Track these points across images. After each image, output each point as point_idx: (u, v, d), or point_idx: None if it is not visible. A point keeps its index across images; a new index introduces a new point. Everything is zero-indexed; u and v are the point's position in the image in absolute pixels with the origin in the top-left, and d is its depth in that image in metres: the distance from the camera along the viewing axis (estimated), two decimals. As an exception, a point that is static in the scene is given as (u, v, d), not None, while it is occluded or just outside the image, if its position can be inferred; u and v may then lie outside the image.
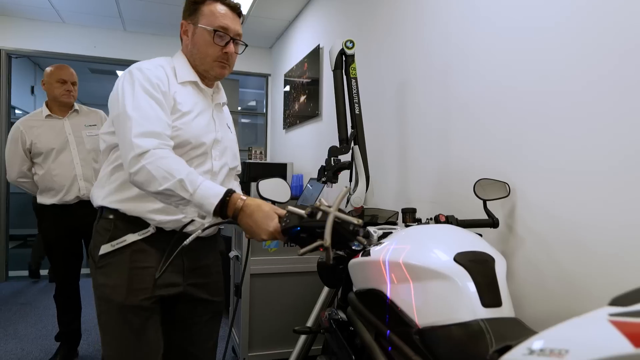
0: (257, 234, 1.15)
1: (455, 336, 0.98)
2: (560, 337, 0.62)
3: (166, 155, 1.18)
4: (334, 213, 1.04)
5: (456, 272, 1.05)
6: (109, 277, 1.28)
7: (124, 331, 1.27)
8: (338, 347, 1.39)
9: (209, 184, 1.17)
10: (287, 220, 1.10)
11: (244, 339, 2.56)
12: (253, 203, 1.16)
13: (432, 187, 2.17)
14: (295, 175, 3.79)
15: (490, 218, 1.61)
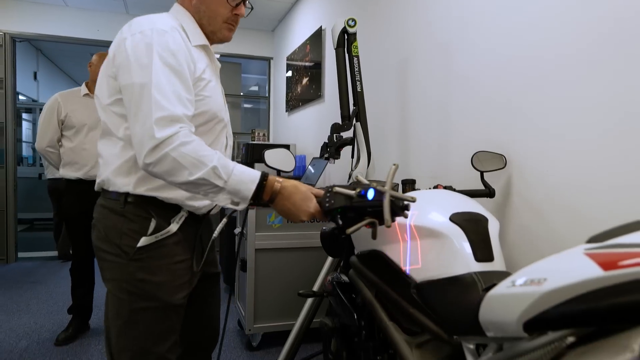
0: (296, 216, 1.09)
1: (450, 287, 1.05)
2: (540, 269, 0.69)
3: (190, 140, 1.03)
4: (389, 192, 1.02)
5: (451, 231, 1.12)
6: (152, 274, 1.13)
7: (162, 328, 1.16)
8: (341, 307, 1.47)
9: (241, 168, 1.06)
10: (332, 201, 1.05)
11: (250, 312, 2.65)
12: (290, 185, 1.09)
13: (432, 162, 2.24)
14: (298, 156, 3.85)
15: (487, 188, 1.68)
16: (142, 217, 1.15)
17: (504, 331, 0.76)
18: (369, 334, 1.37)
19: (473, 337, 0.96)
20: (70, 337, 2.81)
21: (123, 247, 1.13)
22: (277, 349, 2.64)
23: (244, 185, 1.04)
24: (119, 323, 1.13)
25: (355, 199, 1.03)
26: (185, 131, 1.03)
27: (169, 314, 1.16)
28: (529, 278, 0.69)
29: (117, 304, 1.14)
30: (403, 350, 1.14)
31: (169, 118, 1.02)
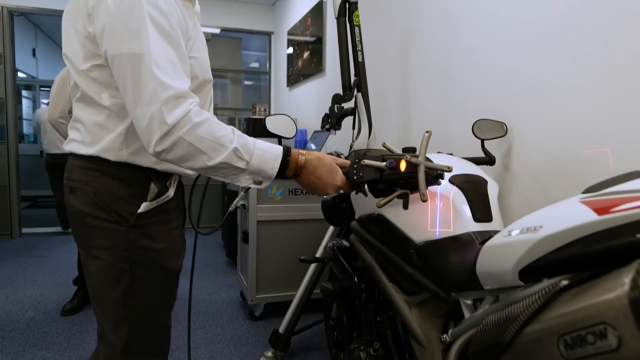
0: (322, 189, 1.05)
1: (448, 247, 1.07)
2: (535, 218, 0.71)
3: (203, 118, 0.92)
4: (424, 164, 0.97)
5: (451, 192, 1.13)
6: (154, 241, 1.06)
7: (164, 296, 1.11)
8: (341, 271, 1.49)
9: (262, 145, 0.98)
10: (360, 174, 1.00)
11: (252, 283, 2.69)
12: (314, 158, 1.04)
13: (433, 132, 2.24)
14: (300, 130, 3.85)
15: (487, 156, 1.69)
16: (141, 181, 1.05)
17: (500, 282, 0.78)
18: (369, 296, 1.39)
19: (470, 293, 0.98)
20: (76, 308, 2.86)
21: (121, 213, 1.03)
22: (279, 319, 2.69)
23: (267, 165, 0.98)
24: (117, 294, 1.04)
25: (386, 171, 0.98)
26: (195, 108, 0.92)
27: (170, 281, 1.12)
28: (524, 227, 0.70)
29: (115, 273, 1.04)
30: (402, 310, 1.16)
31: (175, 96, 0.90)
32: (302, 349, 2.42)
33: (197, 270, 3.85)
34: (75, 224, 1.08)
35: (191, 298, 1.36)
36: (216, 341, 2.50)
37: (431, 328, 1.11)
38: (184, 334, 2.58)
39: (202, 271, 3.83)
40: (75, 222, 1.07)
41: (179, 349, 2.40)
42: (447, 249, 1.07)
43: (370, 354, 1.30)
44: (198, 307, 3.00)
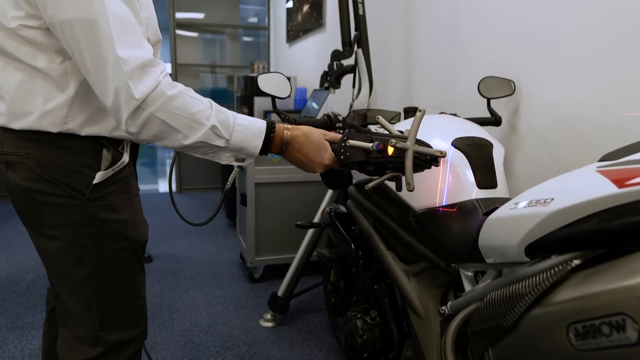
0: (309, 167, 0.99)
1: (449, 214, 1.00)
2: (546, 189, 0.64)
3: (176, 91, 0.83)
4: (412, 148, 0.89)
5: (453, 156, 1.06)
6: (117, 212, 0.97)
7: (134, 268, 1.04)
8: (338, 238, 1.44)
9: (243, 121, 0.91)
10: (348, 154, 0.94)
11: (251, 246, 2.67)
12: (301, 134, 0.96)
13: (437, 91, 2.14)
14: (299, 89, 3.73)
15: (493, 116, 1.60)
16: (92, 148, 0.94)
17: (504, 256, 0.72)
18: (366, 264, 1.35)
19: (471, 265, 0.92)
20: (76, 270, 2.86)
21: (74, 186, 0.92)
22: (279, 281, 2.68)
23: (248, 142, 0.91)
24: (83, 272, 0.96)
25: (373, 153, 0.91)
26: (166, 80, 0.83)
27: (137, 252, 1.04)
28: (533, 199, 0.63)
29: (77, 251, 0.95)
30: (400, 279, 1.11)
31: (140, 66, 0.79)
32: (301, 311, 2.42)
33: (197, 231, 3.84)
34: (18, 202, 0.96)
35: None
36: (215, 303, 2.50)
37: (429, 299, 1.07)
38: (183, 296, 2.58)
39: (202, 232, 3.82)
40: (19, 200, 0.95)
41: (179, 310, 2.41)
42: (448, 217, 1.00)
43: (367, 322, 1.26)
44: (198, 269, 2.99)
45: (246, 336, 2.16)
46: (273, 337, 2.16)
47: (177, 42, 5.30)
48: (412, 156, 0.89)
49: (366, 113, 2.05)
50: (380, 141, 0.91)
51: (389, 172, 0.95)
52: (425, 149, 0.91)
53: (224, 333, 2.19)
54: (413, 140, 0.90)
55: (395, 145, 0.88)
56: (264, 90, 1.36)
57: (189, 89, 0.87)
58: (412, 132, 0.91)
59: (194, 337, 2.15)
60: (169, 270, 2.97)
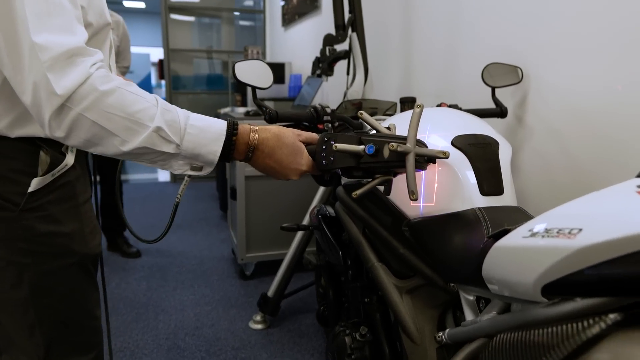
0: (282, 175, 0.84)
1: (448, 226, 0.87)
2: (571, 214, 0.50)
3: (111, 87, 0.68)
4: (414, 151, 0.76)
5: (452, 157, 0.92)
6: (59, 223, 0.84)
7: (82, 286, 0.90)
8: (326, 243, 1.31)
9: (198, 122, 0.75)
10: (331, 158, 0.80)
11: (241, 241, 2.54)
12: (271, 136, 0.80)
13: (436, 78, 1.98)
14: (294, 75, 3.57)
15: (498, 107, 1.45)
16: (25, 150, 0.79)
17: (514, 292, 0.58)
18: (356, 274, 1.21)
19: (473, 288, 0.79)
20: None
21: (5, 195, 0.78)
22: (271, 278, 2.55)
23: (205, 148, 0.75)
24: (21, 294, 0.83)
25: (365, 157, 0.78)
26: (100, 72, 0.67)
27: (87, 267, 0.90)
28: (554, 227, 0.49)
29: (14, 271, 0.82)
30: (392, 296, 0.98)
31: (66, 55, 0.65)
32: (293, 311, 2.30)
33: (190, 224, 3.72)
34: None
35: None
36: (204, 302, 2.38)
37: (425, 320, 0.94)
38: (171, 294, 2.46)
39: (194, 225, 3.70)
40: None
41: (165, 311, 2.29)
42: (446, 228, 0.87)
43: (356, 339, 1.14)
44: (188, 265, 2.87)
45: (234, 339, 2.05)
46: (262, 340, 2.05)
47: (169, 27, 5.11)
48: (414, 160, 0.77)
49: (361, 103, 1.89)
50: (374, 144, 0.78)
51: (380, 176, 0.82)
52: (427, 151, 0.79)
53: (211, 336, 2.07)
54: (414, 142, 0.78)
55: (397, 149, 0.75)
56: (242, 80, 1.21)
57: (131, 83, 0.72)
58: (412, 131, 0.79)
59: (178, 340, 2.03)
60: (157, 266, 2.86)
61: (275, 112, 1.25)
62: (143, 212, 4.04)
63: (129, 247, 3.03)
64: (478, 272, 0.70)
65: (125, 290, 2.51)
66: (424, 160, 0.81)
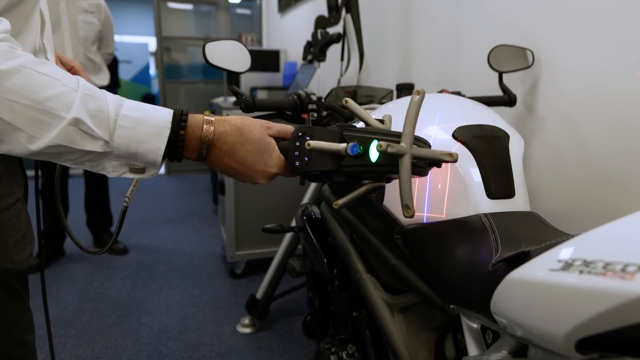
0: (247, 178, 0.68)
1: (448, 236, 0.72)
2: (621, 240, 0.35)
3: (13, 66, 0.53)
4: (411, 152, 0.60)
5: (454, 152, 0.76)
6: None
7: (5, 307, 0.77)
8: (310, 248, 1.16)
9: (134, 111, 0.60)
10: (306, 159, 0.65)
11: (231, 239, 2.40)
12: (230, 129, 0.65)
13: (439, 64, 1.82)
14: (289, 63, 3.40)
15: (506, 94, 1.30)
16: None
17: (534, 337, 0.43)
18: (343, 285, 1.07)
19: (477, 316, 0.64)
20: (42, 264, 2.61)
21: None
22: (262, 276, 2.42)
23: (142, 145, 0.59)
24: None
25: (347, 158, 0.62)
26: (2, 47, 0.53)
27: (12, 285, 0.76)
28: (599, 259, 0.34)
29: None
30: (381, 314, 0.84)
31: None
32: (283, 313, 2.16)
33: (182, 219, 3.58)
34: None
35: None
36: (190, 303, 2.25)
37: (420, 345, 0.79)
38: (156, 294, 2.33)
39: (186, 220, 3.56)
40: None
41: (148, 313, 2.16)
42: (446, 238, 0.72)
43: (343, 359, 0.99)
44: (176, 263, 2.74)
45: (220, 345, 1.91)
46: (250, 345, 1.92)
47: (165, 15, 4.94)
48: (410, 164, 0.60)
49: (355, 90, 1.74)
50: (360, 142, 0.61)
51: (368, 182, 0.66)
52: (427, 152, 0.61)
53: (195, 341, 1.94)
54: (410, 140, 0.60)
55: (387, 150, 0.57)
56: (213, 63, 1.06)
57: (44, 61, 0.56)
58: (408, 126, 0.60)
59: (160, 346, 1.90)
60: (144, 264, 2.72)
61: (252, 100, 1.10)
62: (133, 206, 3.90)
63: (116, 243, 2.90)
64: (484, 298, 0.55)
65: (108, 290, 2.38)
66: (425, 164, 0.64)
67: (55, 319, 2.09)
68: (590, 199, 1.16)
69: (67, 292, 2.35)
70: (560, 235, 0.59)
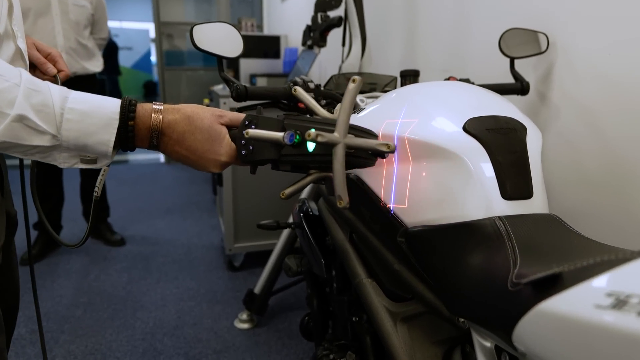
0: (201, 167, 0.68)
1: (455, 241, 0.64)
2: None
3: None
4: (344, 142, 0.60)
5: (465, 147, 0.69)
6: None
7: None
8: (307, 247, 1.09)
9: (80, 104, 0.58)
10: (250, 147, 0.66)
11: (229, 231, 2.33)
12: (179, 118, 0.65)
13: (445, 49, 1.73)
14: (289, 49, 3.30)
15: (518, 81, 1.21)
16: None
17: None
18: (342, 287, 1.00)
19: (491, 335, 0.57)
20: (37, 256, 2.56)
21: None
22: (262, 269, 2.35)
23: (92, 137, 0.58)
24: None
25: (287, 148, 0.63)
26: None
27: None
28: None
29: None
30: (383, 324, 0.77)
31: None
32: (283, 308, 2.10)
33: (181, 208, 3.52)
34: None
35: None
36: (187, 297, 2.19)
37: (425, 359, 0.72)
38: (152, 287, 2.28)
39: (185, 209, 3.50)
40: None
41: (144, 307, 2.10)
42: (455, 243, 0.64)
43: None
44: (174, 254, 2.68)
45: (217, 341, 1.86)
46: (247, 342, 1.86)
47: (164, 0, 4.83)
48: (344, 154, 0.60)
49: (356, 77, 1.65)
50: (295, 130, 0.62)
51: (314, 172, 0.68)
52: (361, 142, 0.62)
53: (192, 336, 1.88)
54: (344, 129, 0.60)
55: (316, 138, 0.58)
56: (201, 47, 0.98)
57: None
58: (342, 115, 0.60)
59: (156, 342, 1.85)
60: (141, 255, 2.66)
61: (244, 88, 1.02)
62: (132, 195, 3.85)
63: (113, 234, 2.84)
64: (503, 321, 0.48)
65: (104, 283, 2.33)
66: (368, 155, 0.66)
67: (49, 312, 2.04)
68: (608, 194, 1.08)
69: (62, 284, 2.30)
70: (591, 247, 0.52)
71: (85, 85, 2.63)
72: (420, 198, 0.71)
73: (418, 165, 0.72)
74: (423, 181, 0.71)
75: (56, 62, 0.86)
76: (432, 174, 0.70)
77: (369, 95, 1.22)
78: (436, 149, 0.70)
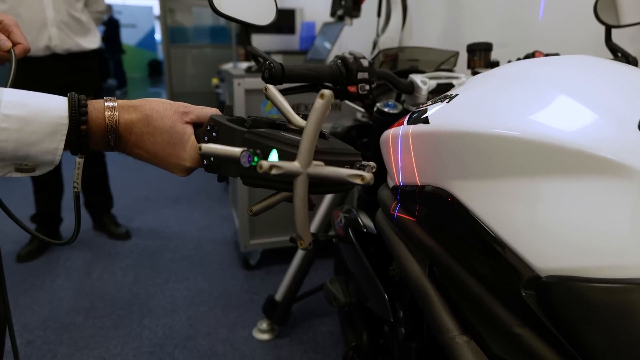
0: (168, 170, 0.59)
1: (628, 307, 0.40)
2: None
3: None
4: (306, 172, 0.47)
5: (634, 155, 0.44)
6: None
7: None
8: (361, 275, 0.85)
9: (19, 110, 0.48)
10: (211, 159, 0.56)
11: (244, 226, 2.11)
12: (136, 118, 0.55)
13: (502, 20, 1.46)
14: (306, 23, 3.02)
15: (622, 56, 0.95)
16: None
17: None
18: (411, 332, 0.76)
19: None
20: (34, 252, 2.35)
21: None
22: (280, 268, 2.15)
23: (35, 147, 0.50)
24: None
25: (249, 169, 0.49)
26: None
27: None
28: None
29: None
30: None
31: None
32: (306, 315, 1.88)
33: (189, 197, 3.29)
34: None
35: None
36: (199, 301, 1.97)
37: None
38: (161, 289, 2.07)
39: (194, 198, 3.27)
40: None
41: (152, 312, 1.89)
42: (628, 310, 0.41)
43: None
44: (183, 250, 2.47)
45: (234, 354, 1.65)
46: (268, 356, 1.65)
47: (165, -29, 4.53)
48: (306, 187, 0.48)
49: (397, 54, 1.38)
50: (256, 150, 0.49)
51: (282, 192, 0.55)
52: (328, 172, 0.47)
53: (206, 349, 1.67)
54: (307, 157, 0.47)
55: (269, 171, 0.44)
56: (224, 12, 0.74)
57: None
58: (306, 140, 0.46)
59: (165, 355, 1.64)
60: (148, 251, 2.45)
61: (280, 67, 0.78)
62: (138, 182, 3.63)
63: (117, 226, 2.63)
64: None
65: (107, 283, 2.12)
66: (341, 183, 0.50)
67: (47, 319, 1.84)
68: None
69: (62, 285, 2.09)
70: None
71: (80, 65, 2.38)
72: (567, 235, 0.47)
73: (563, 183, 0.48)
74: (572, 208, 0.47)
75: (11, 32, 0.65)
76: (590, 198, 0.46)
77: (431, 76, 0.97)
78: (598, 160, 0.45)
